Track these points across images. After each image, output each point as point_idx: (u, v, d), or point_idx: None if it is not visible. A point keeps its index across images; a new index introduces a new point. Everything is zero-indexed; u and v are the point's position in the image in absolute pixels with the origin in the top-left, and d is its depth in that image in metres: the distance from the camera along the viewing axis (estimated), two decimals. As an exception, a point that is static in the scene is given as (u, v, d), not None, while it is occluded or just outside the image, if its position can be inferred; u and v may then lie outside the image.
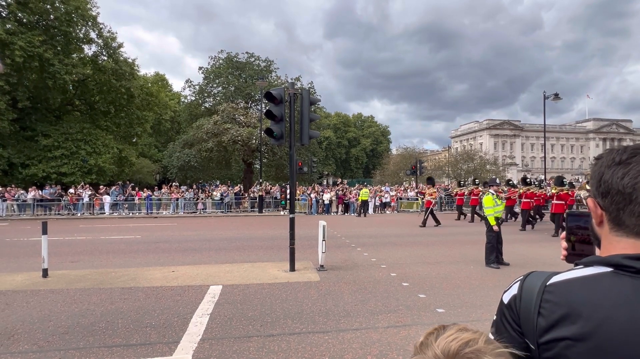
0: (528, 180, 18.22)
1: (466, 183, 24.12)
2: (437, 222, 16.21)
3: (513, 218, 17.94)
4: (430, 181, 18.81)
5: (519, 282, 0.84)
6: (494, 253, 8.12)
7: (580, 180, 36.40)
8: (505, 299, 0.84)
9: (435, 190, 18.14)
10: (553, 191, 14.76)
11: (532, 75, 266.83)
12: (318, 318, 4.88)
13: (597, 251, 0.89)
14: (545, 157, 34.68)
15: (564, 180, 15.33)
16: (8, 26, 25.09)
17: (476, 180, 17.96)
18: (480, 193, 16.71)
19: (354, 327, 4.58)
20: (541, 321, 0.76)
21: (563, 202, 13.92)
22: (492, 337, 0.85)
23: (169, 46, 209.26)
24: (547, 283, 0.79)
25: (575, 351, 0.71)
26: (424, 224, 16.01)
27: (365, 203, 22.77)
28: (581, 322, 0.71)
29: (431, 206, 16.48)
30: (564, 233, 0.98)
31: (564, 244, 0.97)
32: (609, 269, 0.76)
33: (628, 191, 0.76)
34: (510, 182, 19.84)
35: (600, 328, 0.70)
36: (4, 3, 25.71)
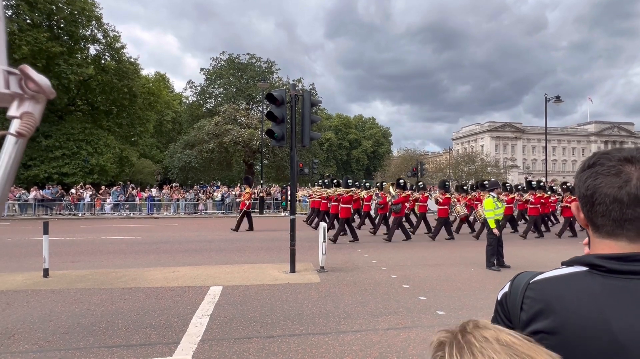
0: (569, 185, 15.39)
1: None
2: (242, 227, 14.88)
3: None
4: (247, 180, 17.03)
5: (510, 281, 0.90)
6: (495, 256, 8.12)
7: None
8: (499, 297, 0.90)
9: (250, 191, 15.94)
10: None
11: (536, 76, 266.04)
12: (318, 320, 4.87)
13: None
14: (546, 159, 34.65)
15: None
16: (16, 25, 25.22)
17: (420, 183, 15.40)
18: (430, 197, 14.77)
19: (354, 329, 4.57)
20: (523, 316, 0.82)
21: None
22: None
23: (168, 45, 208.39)
24: (531, 281, 0.84)
25: (548, 343, 0.75)
26: (236, 228, 14.78)
27: None
28: (553, 316, 0.77)
29: (245, 208, 15.36)
30: (586, 239, 0.98)
31: (586, 250, 0.98)
32: (584, 268, 0.80)
33: (589, 193, 0.81)
34: (520, 187, 16.32)
35: (568, 322, 0.76)
36: (12, 3, 25.84)
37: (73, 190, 23.77)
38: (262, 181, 28.87)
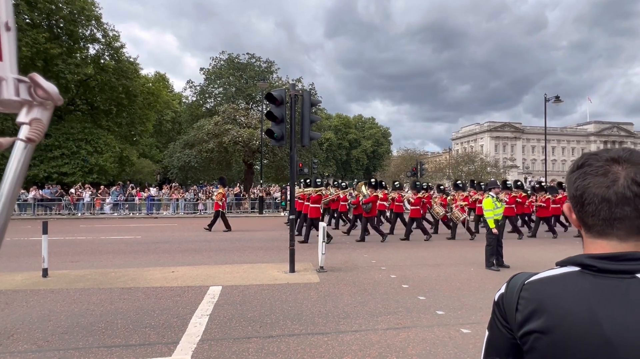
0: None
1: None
2: (237, 227, 14.96)
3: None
4: (221, 181, 16.55)
5: (506, 282, 0.92)
6: (494, 256, 8.12)
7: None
8: (496, 298, 0.92)
9: (224, 192, 15.48)
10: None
11: (536, 76, 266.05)
12: (317, 320, 4.87)
13: None
14: (546, 159, 34.69)
15: None
16: (15, 25, 25.23)
17: (396, 183, 15.53)
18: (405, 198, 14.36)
19: (353, 329, 4.57)
20: (518, 316, 0.83)
21: None
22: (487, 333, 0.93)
23: (167, 45, 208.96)
24: (525, 282, 0.86)
25: (542, 343, 0.78)
26: (210, 228, 14.62)
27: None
28: (545, 316, 0.79)
29: (220, 208, 15.03)
30: None
31: None
32: (577, 268, 0.82)
33: (579, 193, 0.83)
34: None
35: (561, 322, 0.77)
36: (12, 2, 25.83)
37: (72, 190, 23.75)
38: (261, 181, 28.85)
